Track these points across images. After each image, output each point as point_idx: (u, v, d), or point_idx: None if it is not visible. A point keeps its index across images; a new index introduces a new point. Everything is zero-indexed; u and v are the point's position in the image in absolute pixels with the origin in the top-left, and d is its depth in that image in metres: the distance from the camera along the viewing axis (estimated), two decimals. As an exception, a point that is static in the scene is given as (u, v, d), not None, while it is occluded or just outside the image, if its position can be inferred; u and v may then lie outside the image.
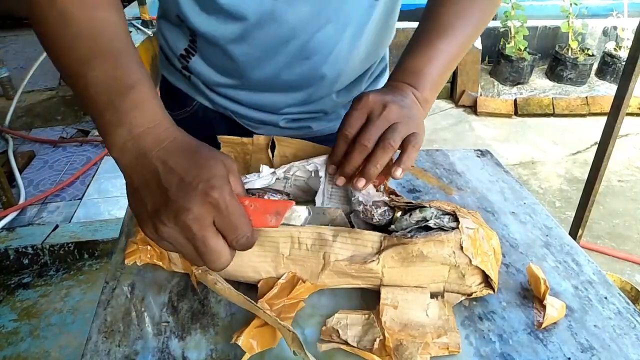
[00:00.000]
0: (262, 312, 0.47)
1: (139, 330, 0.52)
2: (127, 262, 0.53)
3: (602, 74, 3.96)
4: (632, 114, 3.52)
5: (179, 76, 0.78)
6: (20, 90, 3.21)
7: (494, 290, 0.54)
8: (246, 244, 0.46)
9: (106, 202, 2.38)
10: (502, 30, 3.86)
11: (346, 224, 0.48)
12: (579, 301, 0.57)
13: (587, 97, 3.68)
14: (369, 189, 0.58)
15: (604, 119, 1.59)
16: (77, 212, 2.30)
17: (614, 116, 1.53)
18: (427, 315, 0.51)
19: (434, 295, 0.54)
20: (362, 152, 0.55)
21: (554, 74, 3.94)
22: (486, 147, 0.94)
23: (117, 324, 0.53)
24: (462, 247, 0.52)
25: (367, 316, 0.52)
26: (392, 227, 0.56)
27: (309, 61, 0.69)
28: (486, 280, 0.54)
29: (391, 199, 0.58)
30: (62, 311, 1.84)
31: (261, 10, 0.62)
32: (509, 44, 3.75)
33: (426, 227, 0.54)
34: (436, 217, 0.55)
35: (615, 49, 3.88)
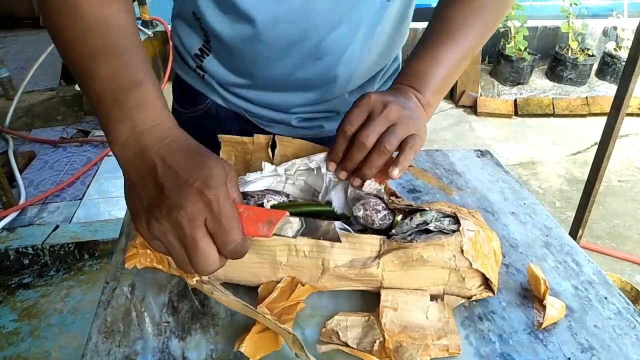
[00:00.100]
0: (261, 317, 0.47)
1: (139, 330, 0.52)
2: (127, 265, 0.53)
3: (602, 74, 3.96)
4: (632, 114, 3.52)
5: (192, 74, 0.79)
6: (20, 90, 3.22)
7: (494, 292, 0.54)
8: (235, 251, 0.44)
9: (106, 202, 2.38)
10: (502, 30, 3.85)
11: (338, 238, 0.48)
12: (579, 301, 0.57)
13: (587, 98, 3.68)
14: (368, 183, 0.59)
15: (604, 119, 1.59)
16: (78, 212, 2.30)
17: (614, 116, 1.53)
18: (427, 317, 0.51)
19: (433, 297, 0.54)
20: (360, 149, 0.56)
21: (554, 74, 3.93)
22: (486, 147, 0.94)
23: (117, 324, 0.53)
24: (462, 251, 0.51)
25: (366, 318, 0.51)
26: (393, 231, 0.56)
27: (322, 61, 0.69)
28: (486, 282, 0.54)
29: (391, 200, 0.58)
30: (63, 311, 1.84)
31: (274, 10, 0.63)
32: (509, 44, 3.75)
33: (426, 230, 0.54)
34: (437, 220, 0.55)
35: (615, 49, 3.88)
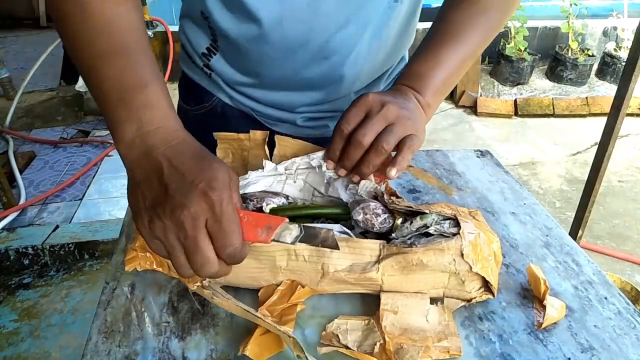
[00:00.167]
0: (261, 320, 0.47)
1: (139, 330, 0.52)
2: (127, 269, 0.53)
3: (602, 74, 3.96)
4: (632, 114, 3.52)
5: (199, 72, 0.79)
6: (20, 90, 3.22)
7: (494, 295, 0.54)
8: (233, 256, 0.44)
9: (106, 202, 2.38)
10: (502, 30, 3.85)
11: (336, 246, 0.48)
12: (579, 301, 0.57)
13: (587, 98, 3.68)
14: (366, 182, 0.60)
15: (604, 120, 1.59)
16: (78, 212, 2.30)
17: (614, 116, 1.53)
18: (427, 320, 0.51)
19: (433, 300, 0.54)
20: (357, 148, 0.56)
21: (554, 75, 3.93)
22: (486, 148, 0.94)
23: (117, 324, 0.53)
24: (462, 254, 0.51)
25: (367, 321, 0.52)
26: (393, 235, 0.56)
27: (328, 61, 0.69)
28: (486, 285, 0.54)
29: (391, 200, 0.58)
30: (63, 311, 1.84)
31: (281, 9, 0.63)
32: (509, 44, 3.75)
33: (427, 233, 0.54)
34: (437, 222, 0.54)
35: (615, 50, 3.88)
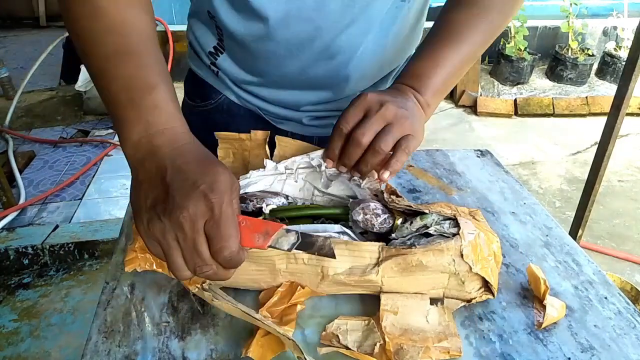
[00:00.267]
0: (261, 323, 0.47)
1: (139, 330, 0.52)
2: (126, 269, 0.53)
3: (602, 74, 3.96)
4: (632, 114, 3.52)
5: (207, 70, 0.79)
6: (20, 90, 3.22)
7: (494, 295, 0.54)
8: (230, 259, 0.43)
9: (106, 202, 2.38)
10: (502, 31, 3.85)
11: (333, 255, 0.48)
12: (579, 301, 0.57)
13: (587, 97, 3.68)
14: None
15: (604, 119, 1.59)
16: (77, 212, 2.30)
17: (614, 116, 1.53)
18: (427, 321, 0.51)
19: (433, 301, 0.54)
20: (356, 147, 0.56)
21: (554, 74, 3.93)
22: (486, 147, 0.94)
23: (117, 324, 0.53)
24: (462, 255, 0.51)
25: (367, 322, 0.51)
26: (393, 235, 0.56)
27: (334, 60, 0.69)
28: (486, 285, 0.54)
29: (391, 199, 0.58)
30: (62, 311, 1.84)
31: (287, 8, 0.63)
32: (509, 44, 3.75)
33: (426, 233, 0.54)
34: (437, 223, 0.54)
35: (615, 49, 3.88)
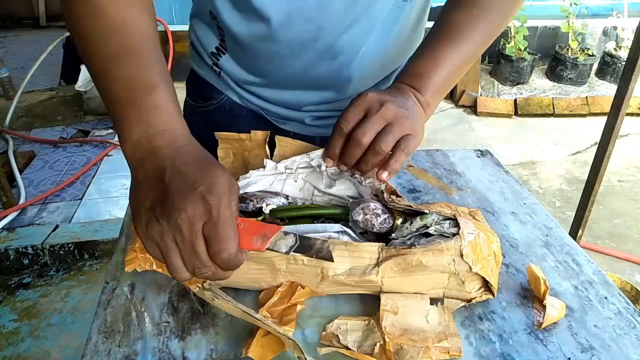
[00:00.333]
0: (261, 323, 0.47)
1: (139, 330, 0.52)
2: (126, 269, 0.53)
3: (602, 74, 3.96)
4: (632, 114, 3.51)
5: (209, 70, 0.80)
6: (20, 90, 3.22)
7: (494, 295, 0.54)
8: (228, 261, 0.43)
9: (106, 202, 2.38)
10: (502, 31, 3.85)
11: (331, 258, 0.48)
12: (579, 301, 0.57)
13: (587, 97, 3.68)
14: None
15: (604, 119, 1.59)
16: (77, 212, 2.30)
17: (614, 116, 1.53)
18: (427, 321, 0.51)
19: (433, 301, 0.54)
20: (356, 147, 0.56)
21: (554, 74, 3.93)
22: (486, 147, 0.94)
23: (117, 324, 0.53)
24: (462, 255, 0.51)
25: (367, 322, 0.51)
26: (393, 235, 0.56)
27: (336, 60, 0.69)
28: (486, 285, 0.54)
29: (391, 199, 0.58)
30: (63, 311, 1.84)
31: (289, 8, 0.63)
32: (509, 44, 3.75)
33: (426, 233, 0.54)
34: (436, 223, 0.54)
35: (615, 49, 3.88)
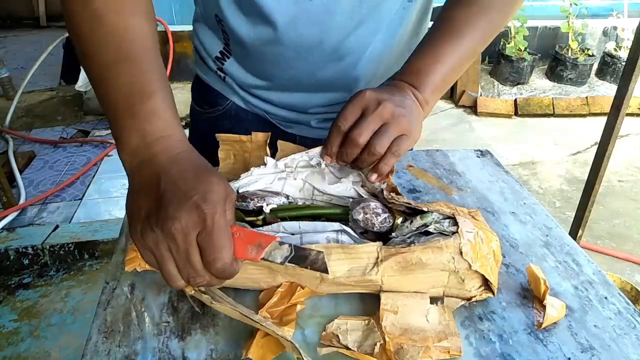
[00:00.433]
0: (260, 325, 0.47)
1: (139, 330, 0.52)
2: (126, 269, 0.54)
3: (602, 74, 3.96)
4: (632, 114, 3.52)
5: (213, 76, 0.79)
6: (20, 90, 3.22)
7: (494, 293, 0.54)
8: (223, 270, 0.43)
9: (106, 202, 2.38)
10: (502, 30, 3.85)
11: (325, 270, 0.48)
12: (579, 301, 0.57)
13: (587, 97, 3.68)
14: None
15: (604, 119, 1.59)
16: (77, 212, 2.30)
17: (614, 116, 1.53)
18: (427, 320, 0.51)
19: (433, 300, 0.54)
20: (353, 147, 0.57)
21: (554, 74, 3.93)
22: (486, 147, 0.94)
23: (117, 324, 0.53)
24: (461, 252, 0.51)
25: (367, 322, 0.51)
26: (393, 234, 0.56)
27: (342, 62, 0.69)
28: (486, 283, 0.54)
29: (391, 196, 0.58)
30: (63, 311, 1.84)
31: (295, 11, 0.63)
32: (509, 44, 3.75)
33: (426, 231, 0.55)
34: (436, 221, 0.55)
35: (615, 49, 3.88)
